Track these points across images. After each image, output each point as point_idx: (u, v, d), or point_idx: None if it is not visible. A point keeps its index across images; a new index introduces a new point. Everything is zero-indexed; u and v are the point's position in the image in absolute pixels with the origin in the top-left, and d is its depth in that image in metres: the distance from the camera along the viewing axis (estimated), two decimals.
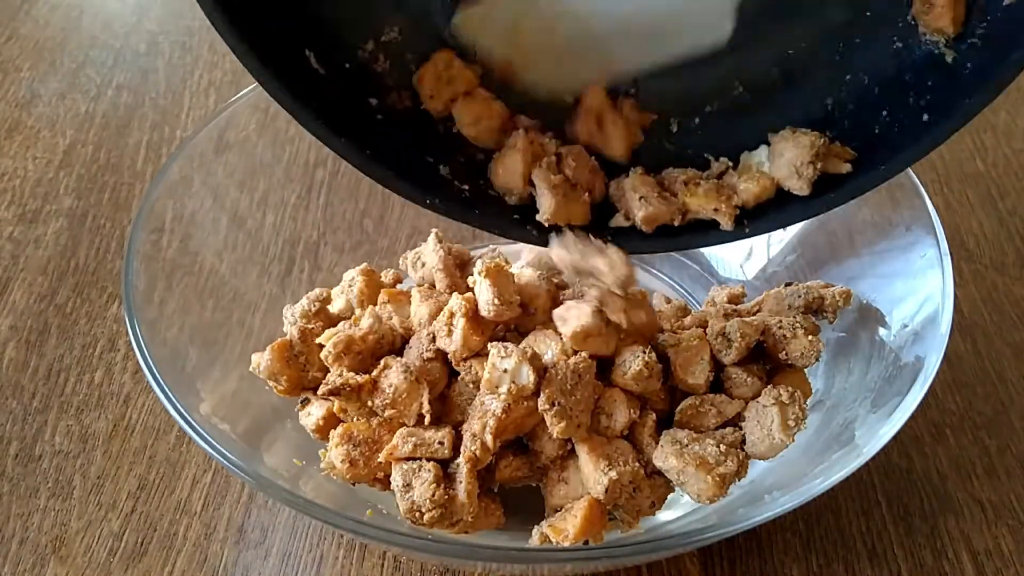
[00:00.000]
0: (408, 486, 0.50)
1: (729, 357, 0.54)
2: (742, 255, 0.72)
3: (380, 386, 0.53)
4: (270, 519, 0.60)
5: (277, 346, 0.56)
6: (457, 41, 0.51)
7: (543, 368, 0.52)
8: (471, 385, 0.53)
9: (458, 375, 0.55)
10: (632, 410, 0.52)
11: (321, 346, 0.55)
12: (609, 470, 0.50)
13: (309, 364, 0.56)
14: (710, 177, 0.52)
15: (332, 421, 0.54)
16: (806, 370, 0.57)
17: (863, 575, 0.57)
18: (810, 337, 0.55)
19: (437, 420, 0.54)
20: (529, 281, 0.56)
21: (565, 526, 0.50)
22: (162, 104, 0.93)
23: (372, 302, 0.60)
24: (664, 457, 0.51)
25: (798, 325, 0.55)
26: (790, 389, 0.54)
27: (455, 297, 0.55)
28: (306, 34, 0.47)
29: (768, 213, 0.51)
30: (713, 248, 0.73)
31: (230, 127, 0.67)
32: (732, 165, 0.52)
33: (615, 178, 0.53)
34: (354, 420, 0.53)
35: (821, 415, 0.57)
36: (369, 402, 0.53)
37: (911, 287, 0.57)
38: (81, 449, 0.64)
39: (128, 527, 0.60)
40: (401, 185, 0.49)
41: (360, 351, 0.55)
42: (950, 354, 0.67)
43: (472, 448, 0.50)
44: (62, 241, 0.79)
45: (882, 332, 0.58)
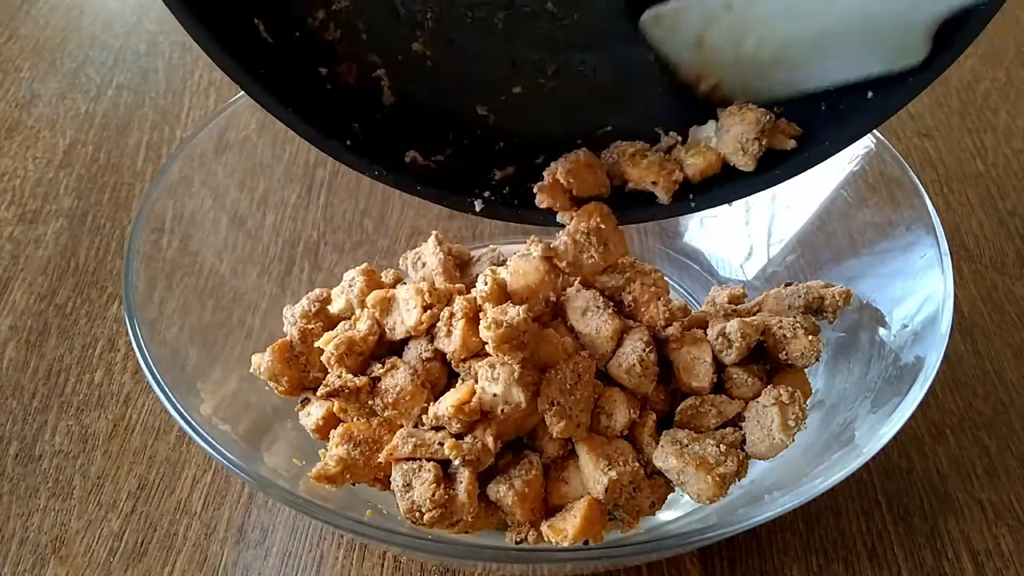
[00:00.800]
0: (408, 486, 0.50)
1: (730, 357, 0.54)
2: (742, 255, 0.72)
3: (382, 386, 0.53)
4: (270, 519, 0.60)
5: (277, 347, 0.56)
6: None
7: (544, 367, 0.52)
8: None
9: (458, 375, 0.55)
10: (632, 410, 0.52)
11: (322, 348, 0.55)
12: (609, 470, 0.50)
13: (310, 365, 0.56)
14: (659, 151, 0.52)
15: (332, 421, 0.54)
16: (806, 370, 0.57)
17: (863, 575, 0.57)
18: (810, 337, 0.55)
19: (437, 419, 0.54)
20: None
21: (565, 526, 0.50)
22: (162, 104, 0.93)
23: None
24: (664, 457, 0.51)
25: (798, 325, 0.55)
26: (790, 389, 0.54)
27: (457, 299, 0.55)
28: (256, 3, 0.46)
29: (714, 188, 0.51)
30: (714, 248, 0.73)
31: (230, 127, 0.67)
32: (681, 140, 0.52)
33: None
34: (354, 420, 0.53)
35: (821, 415, 0.57)
36: (369, 402, 0.53)
37: (911, 287, 0.57)
38: (81, 449, 0.64)
39: (128, 527, 0.60)
40: (349, 157, 0.49)
41: (361, 352, 0.55)
42: (950, 354, 0.67)
43: (474, 448, 0.50)
44: (62, 241, 0.79)
45: (882, 332, 0.58)
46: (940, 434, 0.64)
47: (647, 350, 0.53)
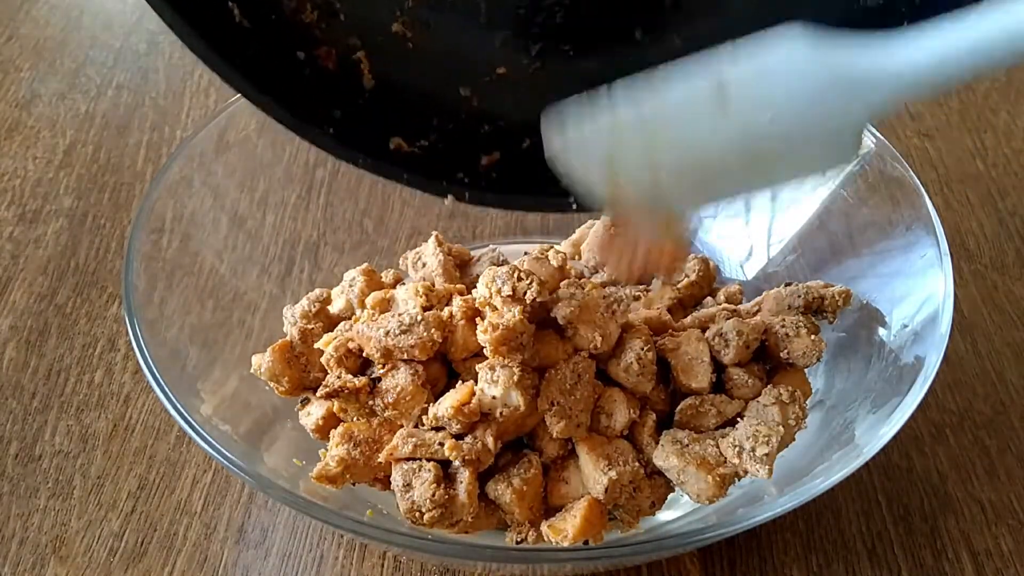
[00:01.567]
0: (408, 486, 0.50)
1: (728, 357, 0.54)
2: (742, 255, 0.72)
3: (382, 387, 0.53)
4: (270, 519, 0.60)
5: (278, 347, 0.56)
6: None
7: (543, 367, 0.52)
8: None
9: (458, 376, 0.55)
10: (632, 410, 0.52)
11: (322, 348, 0.55)
12: (609, 470, 0.50)
13: (310, 365, 0.56)
14: None
15: (332, 421, 0.54)
16: (806, 370, 0.57)
17: (863, 575, 0.57)
18: (812, 336, 0.55)
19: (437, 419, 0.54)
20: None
21: (565, 526, 0.50)
22: (162, 104, 0.93)
23: None
24: (665, 456, 0.51)
25: (800, 324, 0.55)
26: (790, 389, 0.54)
27: (456, 299, 0.55)
28: None
29: None
30: (713, 248, 0.73)
31: (230, 127, 0.67)
32: None
33: None
34: (354, 420, 0.53)
35: (821, 415, 0.57)
36: (369, 402, 0.53)
37: (911, 287, 0.57)
38: (81, 449, 0.64)
39: (128, 527, 0.60)
40: (330, 144, 0.48)
41: (361, 353, 0.55)
42: (950, 354, 0.67)
43: (474, 448, 0.50)
44: (62, 241, 0.79)
45: (882, 332, 0.58)
46: (940, 434, 0.64)
47: (645, 349, 0.53)
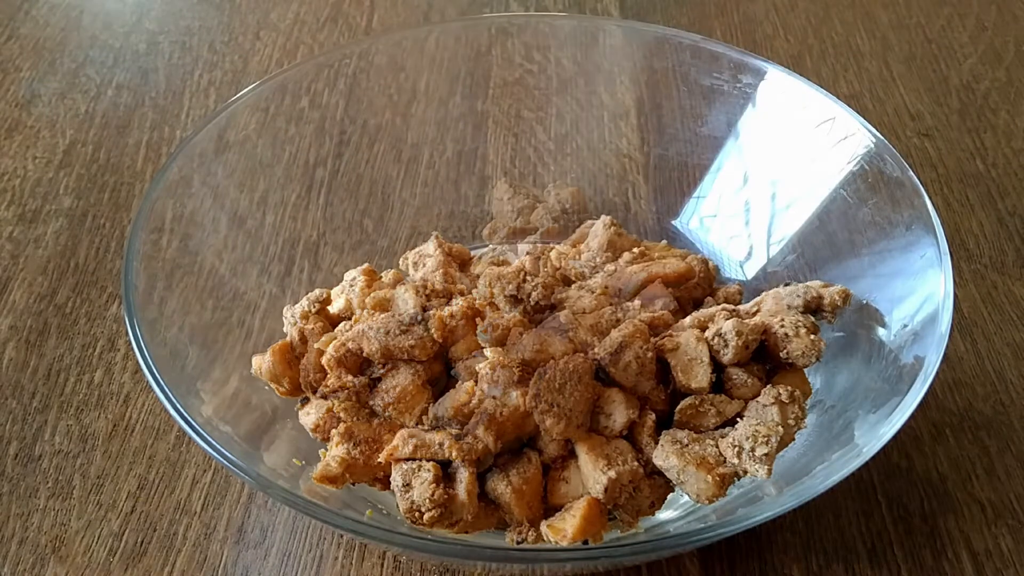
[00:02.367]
0: (408, 486, 0.50)
1: (727, 357, 0.54)
2: (742, 255, 0.72)
3: (383, 386, 0.53)
4: (270, 519, 0.60)
5: (278, 348, 0.56)
6: None
7: (544, 361, 0.52)
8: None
9: (457, 376, 0.55)
10: (632, 410, 0.52)
11: (322, 348, 0.55)
12: (608, 469, 0.50)
13: (310, 365, 0.56)
14: None
15: (332, 421, 0.54)
16: (806, 370, 0.57)
17: (863, 575, 0.57)
18: (812, 336, 0.55)
19: (437, 419, 0.54)
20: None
21: (564, 526, 0.50)
22: (162, 104, 0.93)
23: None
24: (664, 456, 0.51)
25: (800, 324, 0.55)
26: (790, 389, 0.54)
27: (456, 300, 0.55)
28: None
29: None
30: (713, 248, 0.73)
31: (230, 127, 0.67)
32: None
33: None
34: (353, 420, 0.53)
35: (821, 415, 0.57)
36: (370, 402, 0.53)
37: (911, 287, 0.57)
38: (81, 449, 0.64)
39: (128, 527, 0.60)
40: None
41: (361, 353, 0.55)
42: (950, 354, 0.67)
43: (474, 448, 0.50)
44: (62, 241, 0.79)
45: (882, 332, 0.58)
46: (940, 434, 0.64)
47: (644, 349, 0.53)
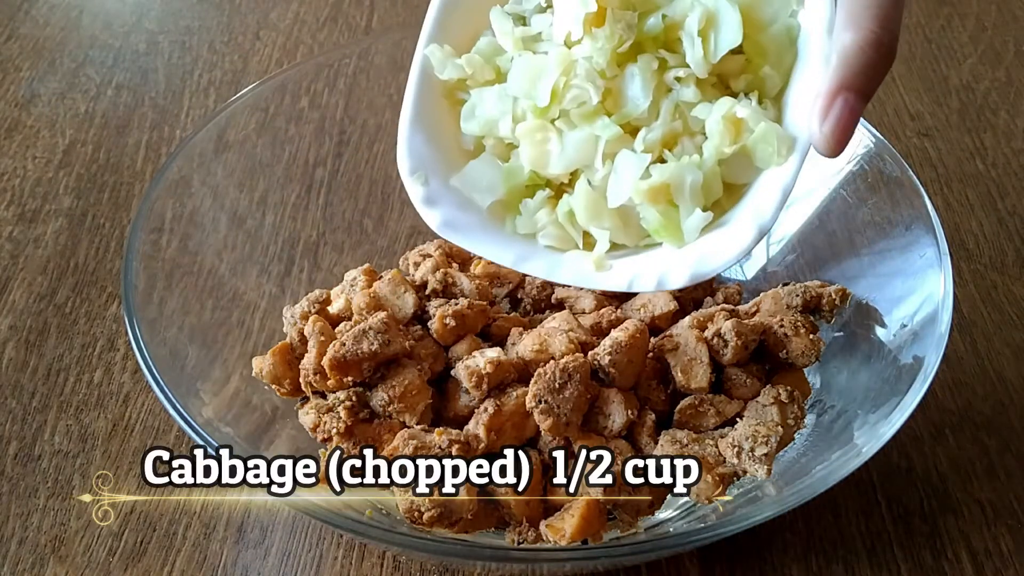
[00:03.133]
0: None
1: (726, 357, 0.54)
2: None
3: (385, 385, 0.53)
4: (269, 519, 0.60)
5: (278, 349, 0.56)
6: None
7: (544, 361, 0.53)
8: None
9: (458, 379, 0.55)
10: (630, 410, 0.53)
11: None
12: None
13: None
14: None
15: (332, 421, 0.54)
16: (805, 370, 0.57)
17: (863, 575, 0.57)
18: (811, 336, 0.55)
19: (437, 416, 0.54)
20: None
21: (563, 525, 0.50)
22: (162, 104, 0.93)
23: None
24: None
25: (799, 324, 0.55)
26: (789, 388, 0.54)
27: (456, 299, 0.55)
28: None
29: None
30: None
31: (230, 127, 0.67)
32: None
33: None
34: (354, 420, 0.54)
35: (821, 415, 0.57)
36: (370, 402, 0.54)
37: (910, 287, 0.57)
38: (81, 449, 0.64)
39: (127, 527, 0.60)
40: None
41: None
42: (949, 354, 0.67)
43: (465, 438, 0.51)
44: (62, 241, 0.79)
45: (881, 332, 0.58)
46: (940, 434, 0.64)
47: (643, 348, 0.53)
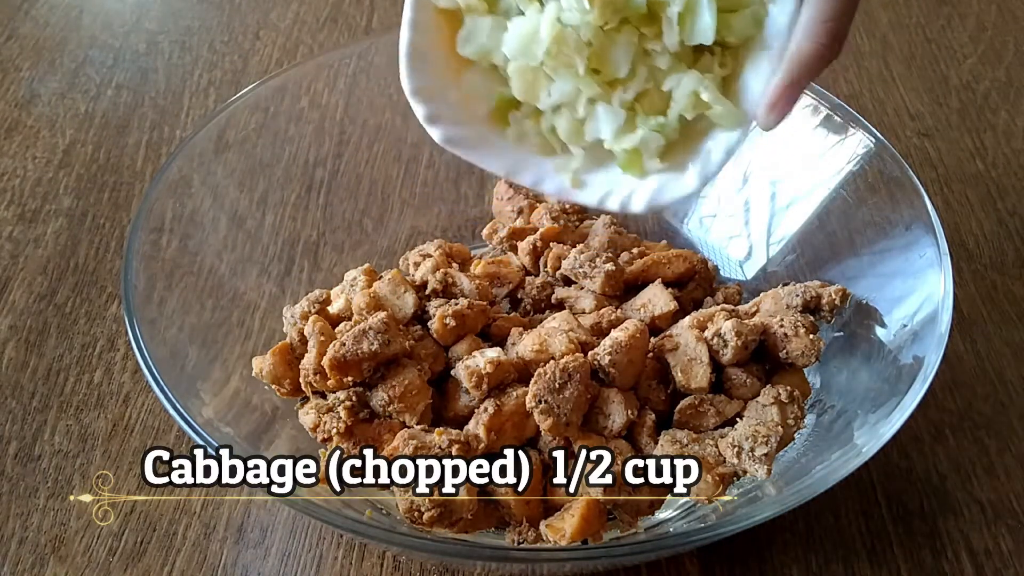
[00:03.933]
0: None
1: (726, 357, 0.54)
2: (742, 255, 0.72)
3: (385, 385, 0.53)
4: (270, 519, 0.60)
5: (278, 350, 0.56)
6: None
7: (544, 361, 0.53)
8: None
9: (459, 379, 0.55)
10: (630, 410, 0.53)
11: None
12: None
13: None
14: None
15: (332, 421, 0.54)
16: (805, 370, 0.57)
17: (863, 575, 0.57)
18: (811, 336, 0.55)
19: (437, 416, 0.54)
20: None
21: (563, 525, 0.50)
22: (162, 104, 0.93)
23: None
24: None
25: (799, 324, 0.55)
26: (789, 388, 0.54)
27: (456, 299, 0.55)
28: None
29: None
30: (713, 248, 0.73)
31: (230, 127, 0.67)
32: None
33: None
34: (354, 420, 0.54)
35: (821, 415, 0.57)
36: (370, 402, 0.54)
37: (910, 287, 0.57)
38: (81, 449, 0.64)
39: (127, 527, 0.60)
40: None
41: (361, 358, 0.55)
42: (949, 354, 0.67)
43: (465, 438, 0.51)
44: (62, 241, 0.79)
45: (881, 332, 0.58)
46: (940, 434, 0.64)
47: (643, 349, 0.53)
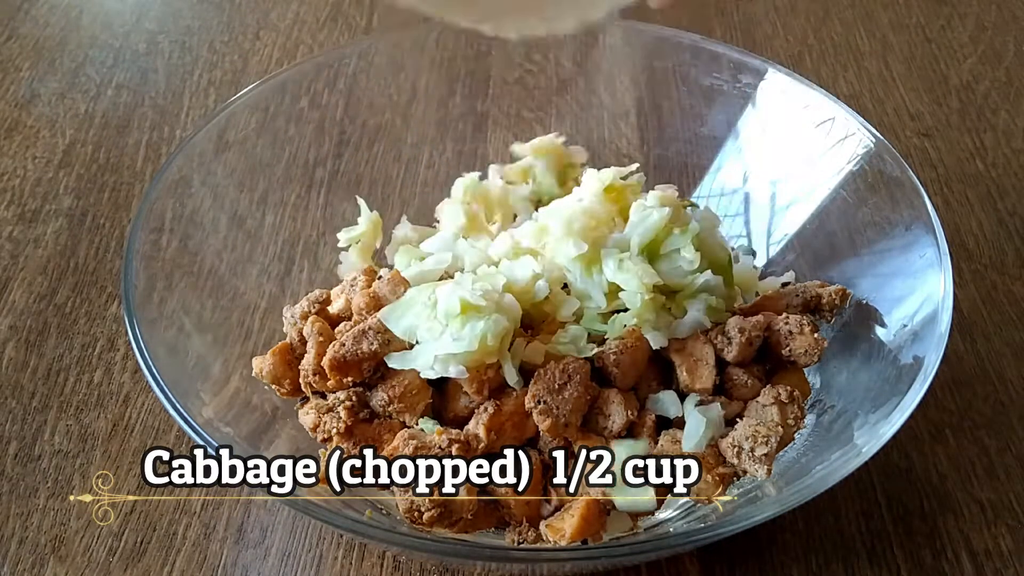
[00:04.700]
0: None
1: (731, 355, 0.54)
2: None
3: (385, 384, 0.53)
4: (269, 519, 0.60)
5: (278, 350, 0.56)
6: None
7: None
8: None
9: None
10: (630, 411, 0.53)
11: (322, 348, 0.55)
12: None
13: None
14: None
15: (332, 421, 0.54)
16: (805, 370, 0.57)
17: (863, 575, 0.57)
18: (815, 335, 0.55)
19: (437, 416, 0.54)
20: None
21: (563, 525, 0.50)
22: (162, 104, 0.93)
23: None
24: None
25: (803, 322, 0.55)
26: (789, 389, 0.54)
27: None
28: None
29: None
30: None
31: (230, 127, 0.67)
32: None
33: None
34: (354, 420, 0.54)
35: (821, 415, 0.57)
36: (370, 402, 0.54)
37: (910, 287, 0.57)
38: (81, 449, 0.64)
39: (127, 527, 0.60)
40: None
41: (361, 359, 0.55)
42: (949, 354, 0.67)
43: (465, 438, 0.51)
44: (62, 241, 0.79)
45: (881, 332, 0.58)
46: (940, 434, 0.64)
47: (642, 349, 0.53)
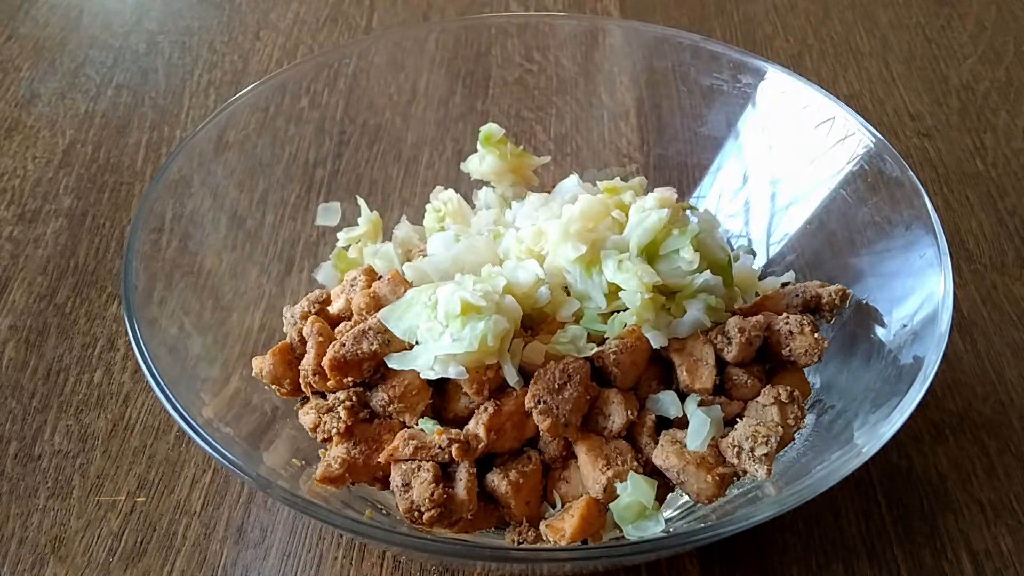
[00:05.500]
0: (407, 486, 0.50)
1: (731, 355, 0.54)
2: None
3: (385, 385, 0.53)
4: (269, 519, 0.60)
5: (278, 350, 0.56)
6: None
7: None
8: None
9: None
10: (630, 411, 0.53)
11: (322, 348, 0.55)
12: (607, 469, 0.50)
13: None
14: None
15: (332, 421, 0.54)
16: (805, 370, 0.57)
17: (863, 575, 0.57)
18: (815, 335, 0.55)
19: (437, 416, 0.54)
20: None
21: (563, 525, 0.50)
22: (162, 104, 0.93)
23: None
24: (664, 456, 0.51)
25: (804, 322, 0.55)
26: (789, 389, 0.54)
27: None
28: None
29: None
30: None
31: (230, 127, 0.67)
32: None
33: None
34: (354, 420, 0.54)
35: (821, 415, 0.57)
36: (370, 402, 0.54)
37: (911, 287, 0.57)
38: (80, 449, 0.64)
39: (127, 527, 0.60)
40: None
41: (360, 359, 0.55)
42: (949, 354, 0.67)
43: (473, 447, 0.50)
44: (62, 241, 0.79)
45: (881, 332, 0.58)
46: (940, 434, 0.64)
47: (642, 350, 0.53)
